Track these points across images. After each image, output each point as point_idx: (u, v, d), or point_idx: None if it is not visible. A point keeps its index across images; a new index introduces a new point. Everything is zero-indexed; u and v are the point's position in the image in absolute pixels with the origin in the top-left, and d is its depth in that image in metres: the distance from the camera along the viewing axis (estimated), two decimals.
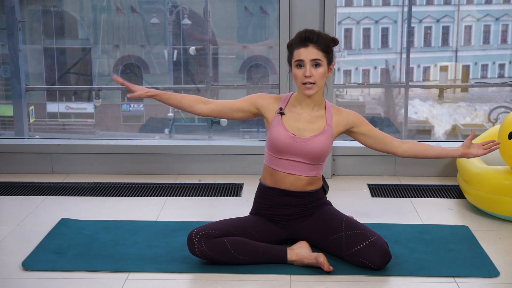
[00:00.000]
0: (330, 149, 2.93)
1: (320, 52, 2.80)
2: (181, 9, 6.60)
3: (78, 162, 4.41)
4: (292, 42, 2.85)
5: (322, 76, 2.83)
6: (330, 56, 2.86)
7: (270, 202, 2.96)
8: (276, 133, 2.88)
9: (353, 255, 2.75)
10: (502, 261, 2.87)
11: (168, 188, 4.06)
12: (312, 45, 2.80)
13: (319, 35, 2.82)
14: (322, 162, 2.94)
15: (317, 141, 2.87)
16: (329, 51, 2.84)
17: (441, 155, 3.02)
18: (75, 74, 7.05)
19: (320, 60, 2.80)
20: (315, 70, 2.80)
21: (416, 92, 9.09)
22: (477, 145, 3.00)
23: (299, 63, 2.81)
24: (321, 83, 2.84)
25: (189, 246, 2.79)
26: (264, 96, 2.98)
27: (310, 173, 2.91)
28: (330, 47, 2.85)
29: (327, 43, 2.83)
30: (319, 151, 2.87)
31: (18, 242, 3.15)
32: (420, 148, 3.02)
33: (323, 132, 2.88)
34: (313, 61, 2.80)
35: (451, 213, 3.58)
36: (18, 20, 4.92)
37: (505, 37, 10.34)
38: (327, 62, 2.84)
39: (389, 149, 3.01)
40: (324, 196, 3.03)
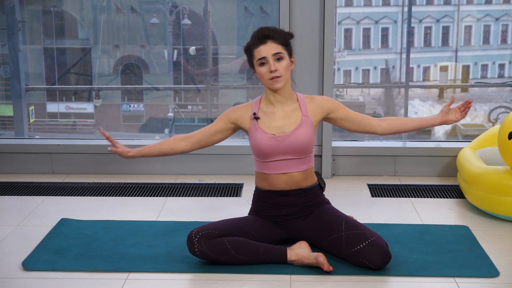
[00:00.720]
0: (314, 139, 2.93)
1: (280, 46, 2.83)
2: (181, 9, 6.60)
3: (78, 162, 4.41)
4: (250, 44, 2.87)
5: (286, 69, 2.85)
6: (290, 49, 2.89)
7: (268, 204, 2.96)
8: (256, 138, 2.89)
9: (353, 255, 2.75)
10: (502, 261, 2.87)
11: (168, 188, 4.06)
12: (270, 41, 2.83)
13: (274, 31, 2.85)
14: (310, 154, 2.93)
15: (299, 134, 2.87)
16: (288, 44, 2.88)
17: (420, 126, 3.00)
18: (75, 74, 7.04)
19: (281, 53, 2.83)
20: (279, 63, 2.83)
21: (416, 92, 9.09)
22: (455, 110, 2.98)
23: (262, 61, 2.83)
24: (287, 76, 2.86)
25: (189, 246, 2.79)
26: (235, 109, 2.99)
27: (301, 168, 2.91)
28: (287, 40, 2.88)
29: (283, 37, 2.86)
30: (303, 143, 2.88)
31: (18, 242, 3.15)
32: (398, 122, 3.01)
33: (301, 124, 2.89)
34: (275, 55, 2.82)
35: (451, 213, 3.58)
36: (18, 20, 4.92)
37: (505, 37, 10.34)
38: (288, 54, 2.87)
39: (368, 130, 3.01)
40: (322, 193, 3.03)
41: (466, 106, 2.97)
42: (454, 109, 2.99)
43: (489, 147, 3.95)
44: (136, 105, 8.44)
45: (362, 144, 4.45)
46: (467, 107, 2.97)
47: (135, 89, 7.81)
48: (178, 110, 7.67)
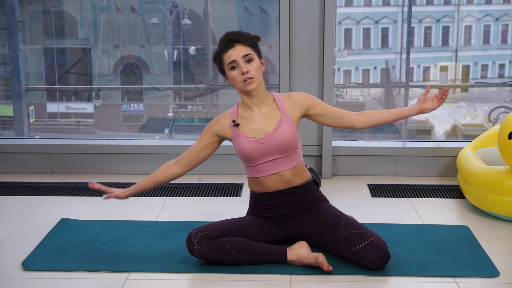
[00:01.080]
0: (297, 135, 2.92)
1: (248, 48, 2.84)
2: (181, 9, 6.60)
3: (78, 162, 4.41)
4: (219, 50, 2.87)
5: (257, 70, 2.85)
6: (258, 50, 2.89)
7: (265, 206, 2.96)
8: (240, 145, 2.89)
9: (352, 255, 2.75)
10: (502, 261, 2.87)
11: (168, 188, 4.06)
12: (238, 44, 2.83)
13: (241, 34, 2.86)
14: (295, 150, 2.91)
15: (280, 133, 2.86)
16: (256, 46, 2.88)
17: (399, 117, 3.00)
18: (75, 74, 7.05)
19: (251, 55, 2.83)
20: (249, 65, 2.83)
21: (416, 92, 9.09)
22: (431, 98, 2.98)
23: (232, 65, 2.83)
24: (259, 76, 2.85)
25: (189, 247, 2.79)
26: (215, 121, 2.99)
27: (289, 165, 2.90)
28: (255, 42, 2.88)
29: (251, 39, 2.87)
30: (286, 141, 2.87)
31: (18, 242, 3.15)
32: (377, 116, 3.00)
33: (281, 122, 2.88)
34: (245, 57, 2.82)
35: (451, 213, 3.58)
36: (18, 20, 4.92)
37: (505, 37, 10.34)
38: (258, 56, 2.87)
39: (347, 124, 3.00)
40: (318, 190, 3.01)
41: (443, 94, 2.97)
42: (431, 97, 2.99)
43: (489, 147, 3.95)
44: (136, 105, 8.44)
45: (362, 144, 4.45)
46: (444, 94, 2.97)
47: (135, 89, 7.82)
48: (178, 110, 7.68)
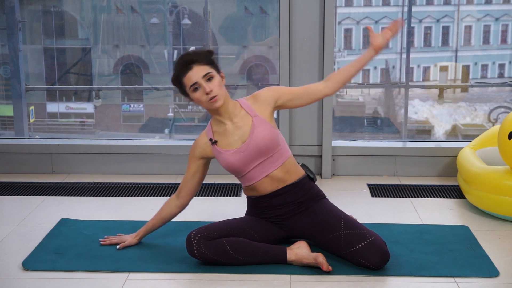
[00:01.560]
0: (275, 132, 2.90)
1: (206, 66, 2.82)
2: (181, 9, 6.60)
3: (78, 162, 4.41)
4: (177, 74, 2.84)
5: (220, 86, 2.83)
6: (215, 65, 2.87)
7: (263, 208, 2.96)
8: (223, 160, 2.90)
9: (352, 254, 2.75)
10: (502, 261, 2.87)
11: (168, 188, 4.06)
12: (195, 65, 2.81)
13: (195, 53, 2.84)
14: (278, 148, 2.90)
15: (257, 136, 2.86)
16: (212, 62, 2.86)
17: (361, 65, 2.99)
18: (75, 74, 7.05)
19: (210, 73, 2.81)
20: (211, 83, 2.81)
21: (416, 92, 9.08)
22: (383, 31, 2.98)
23: (194, 87, 2.81)
24: (222, 92, 2.83)
25: (188, 248, 2.79)
26: (195, 145, 2.99)
27: (277, 163, 2.89)
28: (210, 58, 2.86)
29: (206, 56, 2.84)
30: (265, 141, 2.86)
31: (18, 242, 3.15)
32: (342, 74, 2.99)
33: (254, 126, 2.87)
34: (205, 76, 2.80)
35: (451, 213, 3.58)
36: (18, 20, 4.92)
37: (505, 37, 10.34)
38: (216, 71, 2.85)
39: (319, 96, 3.00)
40: (314, 186, 3.00)
41: (395, 25, 2.96)
42: (382, 31, 2.98)
43: (489, 147, 3.95)
44: (136, 105, 8.44)
45: (362, 144, 4.45)
46: (396, 25, 2.96)
47: (135, 89, 7.82)
48: (178, 110, 7.68)
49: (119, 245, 3.02)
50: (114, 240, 3.06)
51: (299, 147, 4.33)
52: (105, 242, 3.06)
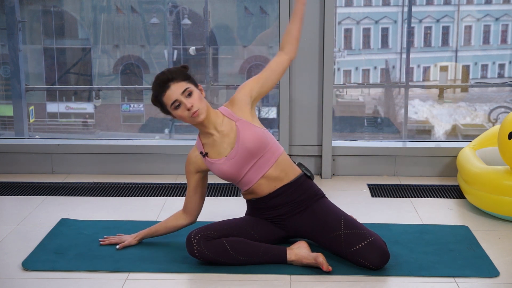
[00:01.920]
0: (260, 131, 2.89)
1: (183, 82, 2.81)
2: (181, 9, 6.60)
3: (78, 162, 4.41)
4: (156, 95, 2.85)
5: (200, 99, 2.82)
6: (192, 80, 2.86)
7: (262, 209, 2.97)
8: (217, 170, 2.91)
9: (352, 254, 2.75)
10: (502, 261, 2.87)
11: (168, 188, 4.06)
12: (172, 83, 2.80)
13: (170, 71, 2.84)
14: (267, 148, 2.89)
15: (243, 139, 2.85)
16: (189, 77, 2.85)
17: (299, 18, 3.06)
18: (75, 74, 7.04)
19: (188, 88, 2.81)
20: (191, 98, 2.80)
21: (416, 92, 9.08)
22: None
23: (175, 105, 2.81)
24: (203, 105, 2.83)
25: (188, 248, 2.79)
26: (188, 160, 3.00)
27: (270, 162, 2.89)
28: (186, 74, 2.86)
29: (181, 73, 2.84)
30: (253, 143, 2.85)
31: (18, 242, 3.15)
32: (290, 34, 3.02)
33: (239, 130, 2.87)
34: (183, 93, 2.80)
35: (451, 213, 3.58)
36: (18, 20, 4.92)
37: (505, 37, 10.33)
38: (194, 85, 2.85)
39: (285, 65, 3.00)
40: (312, 184, 2.99)
41: None
42: None
43: (489, 147, 3.95)
44: (136, 105, 8.44)
45: (362, 144, 4.45)
46: None
47: (135, 89, 7.82)
48: None
49: (118, 245, 3.02)
50: (114, 240, 3.06)
51: (299, 147, 4.33)
52: (104, 242, 3.06)
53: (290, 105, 4.27)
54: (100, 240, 3.09)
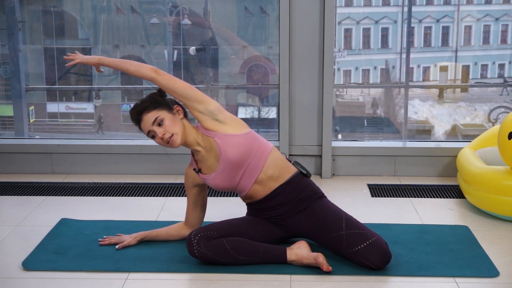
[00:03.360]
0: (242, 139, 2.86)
1: (153, 112, 2.83)
2: (181, 9, 6.59)
3: (78, 162, 4.41)
4: (135, 125, 2.91)
5: (172, 124, 2.83)
6: (165, 105, 2.85)
7: (262, 210, 2.97)
8: (212, 185, 2.94)
9: (353, 254, 2.75)
10: (502, 261, 2.87)
11: (168, 188, 4.06)
12: (143, 115, 2.84)
13: (142, 103, 2.86)
14: (254, 152, 2.87)
15: (226, 154, 2.84)
16: (159, 104, 2.84)
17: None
18: (75, 74, 7.04)
19: (158, 117, 2.82)
20: (163, 127, 2.82)
21: (416, 92, 9.07)
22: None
23: (150, 135, 2.85)
24: (178, 128, 2.84)
25: (188, 248, 2.79)
26: (186, 176, 3.04)
27: (259, 166, 2.88)
28: (157, 101, 2.85)
29: (152, 101, 2.84)
30: (237, 155, 2.85)
31: (18, 242, 3.15)
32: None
33: (219, 145, 2.86)
34: (154, 123, 2.82)
35: (451, 213, 3.58)
36: (18, 20, 4.92)
37: (505, 37, 10.32)
38: (167, 110, 2.84)
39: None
40: (310, 183, 2.98)
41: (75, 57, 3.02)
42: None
43: (489, 147, 3.95)
44: None
45: (362, 144, 4.45)
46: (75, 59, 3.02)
47: (135, 89, 7.82)
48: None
49: (118, 245, 3.02)
50: (113, 240, 3.07)
51: (299, 147, 4.33)
52: (104, 242, 3.06)
53: (290, 105, 4.27)
54: (100, 240, 3.09)
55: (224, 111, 2.89)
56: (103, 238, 3.10)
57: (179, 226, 3.11)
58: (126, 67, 2.92)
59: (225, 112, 2.89)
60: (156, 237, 3.10)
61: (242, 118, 3.08)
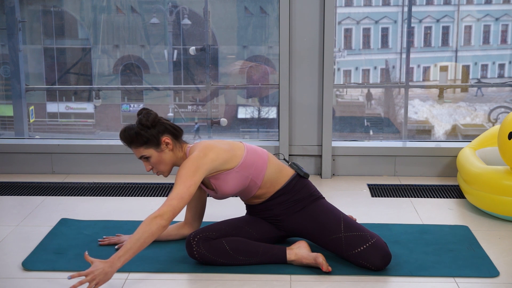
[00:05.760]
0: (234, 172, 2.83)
1: (139, 149, 2.84)
2: (181, 9, 6.59)
3: (78, 162, 4.41)
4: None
5: (158, 161, 2.83)
6: (151, 141, 2.82)
7: (258, 211, 2.98)
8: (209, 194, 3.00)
9: (353, 256, 2.75)
10: (502, 261, 2.87)
11: (168, 188, 4.06)
12: (131, 147, 2.86)
13: (128, 135, 2.82)
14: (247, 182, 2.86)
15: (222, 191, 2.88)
16: (146, 140, 2.81)
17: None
18: (75, 74, 7.04)
19: (144, 155, 2.84)
20: (149, 163, 2.85)
21: (416, 92, 9.07)
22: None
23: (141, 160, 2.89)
24: (163, 167, 2.86)
25: (188, 250, 2.79)
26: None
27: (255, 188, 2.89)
28: (143, 138, 2.80)
29: (138, 137, 2.81)
30: (232, 191, 2.89)
31: (18, 242, 3.15)
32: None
33: (213, 183, 2.87)
34: (141, 158, 2.86)
35: (451, 213, 3.58)
36: (18, 20, 4.92)
37: (505, 37, 10.32)
38: (154, 148, 2.82)
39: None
40: (307, 184, 2.97)
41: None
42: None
43: (489, 147, 3.95)
44: (136, 105, 8.43)
45: (362, 144, 4.45)
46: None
47: (135, 89, 7.82)
48: (178, 110, 7.67)
49: (117, 246, 3.02)
50: (113, 240, 3.07)
51: (299, 147, 4.33)
52: (103, 242, 3.06)
53: (290, 105, 4.27)
54: (100, 240, 3.09)
55: (213, 162, 2.78)
56: (103, 238, 3.10)
57: (179, 226, 3.11)
58: (139, 247, 2.62)
59: (214, 162, 2.78)
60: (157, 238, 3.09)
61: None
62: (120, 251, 2.58)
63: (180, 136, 2.91)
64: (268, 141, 4.53)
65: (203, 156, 2.75)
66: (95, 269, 2.51)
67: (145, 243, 2.61)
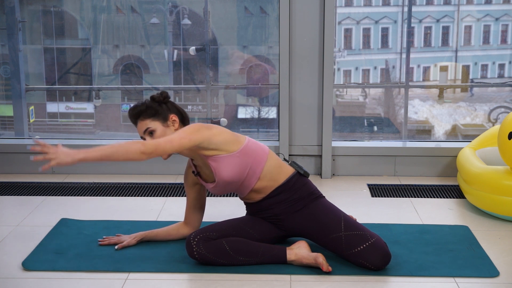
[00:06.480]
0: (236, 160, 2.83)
1: (146, 120, 2.84)
2: (181, 9, 6.59)
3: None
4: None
5: (161, 137, 2.81)
6: (160, 114, 2.84)
7: (258, 210, 2.97)
8: (209, 189, 2.97)
9: (353, 256, 2.75)
10: (502, 261, 2.87)
11: (168, 188, 4.06)
12: (139, 120, 2.85)
13: (135, 108, 2.85)
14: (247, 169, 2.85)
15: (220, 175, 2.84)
16: (155, 113, 2.84)
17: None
18: (75, 74, 7.04)
19: (149, 128, 2.83)
20: (153, 137, 2.82)
21: (416, 92, 9.07)
22: None
23: (143, 138, 2.86)
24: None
25: (188, 250, 2.79)
26: (186, 173, 3.09)
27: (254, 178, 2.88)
28: (153, 110, 2.84)
29: (148, 109, 2.83)
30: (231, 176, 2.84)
31: (18, 242, 3.15)
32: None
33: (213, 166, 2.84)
34: (145, 132, 2.84)
35: (451, 213, 3.58)
36: (18, 20, 4.92)
37: (505, 37, 10.32)
38: (161, 121, 2.84)
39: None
40: (307, 183, 2.96)
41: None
42: None
43: (489, 147, 3.95)
44: None
45: (362, 144, 4.45)
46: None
47: (135, 89, 7.82)
48: None
49: (117, 246, 3.02)
50: (113, 241, 3.07)
51: (299, 147, 4.33)
52: (103, 242, 3.06)
53: (290, 105, 4.27)
54: (99, 240, 3.09)
55: (215, 136, 2.79)
56: (103, 238, 3.10)
57: (179, 226, 3.12)
58: (109, 154, 2.64)
59: (217, 136, 2.79)
60: (155, 237, 3.09)
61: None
62: (93, 148, 2.60)
63: (187, 122, 2.93)
64: (268, 141, 4.53)
65: (207, 126, 2.80)
66: (60, 148, 2.61)
67: (117, 154, 2.62)
